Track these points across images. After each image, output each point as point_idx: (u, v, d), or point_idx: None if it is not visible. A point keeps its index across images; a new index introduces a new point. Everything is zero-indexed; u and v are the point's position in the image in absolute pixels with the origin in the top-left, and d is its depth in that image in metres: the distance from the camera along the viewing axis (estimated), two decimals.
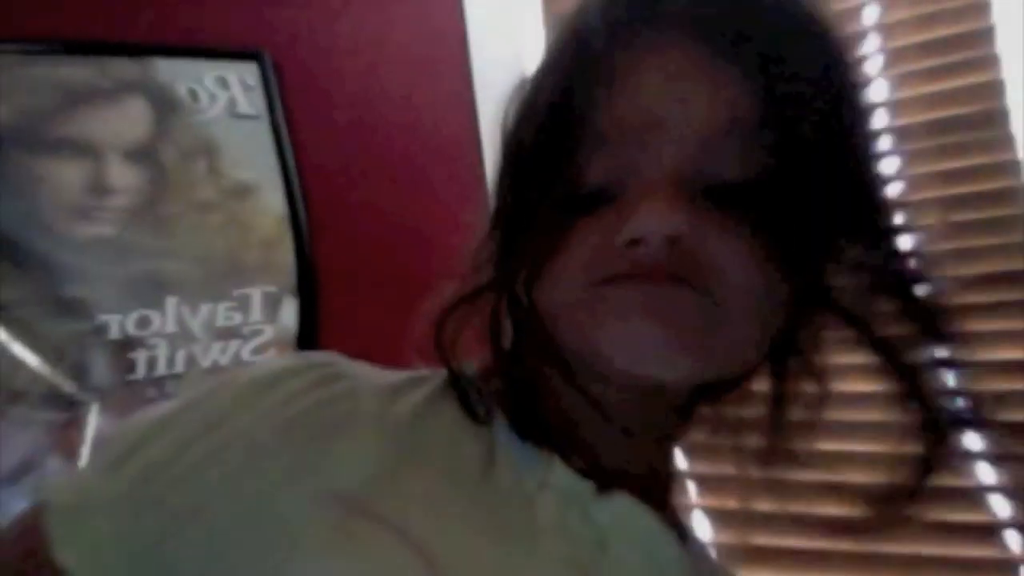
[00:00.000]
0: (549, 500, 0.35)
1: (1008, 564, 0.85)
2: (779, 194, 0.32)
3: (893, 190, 0.35)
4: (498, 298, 0.38)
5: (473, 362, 0.41)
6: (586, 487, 0.36)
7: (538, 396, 0.38)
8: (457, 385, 0.39)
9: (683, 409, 0.41)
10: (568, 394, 0.37)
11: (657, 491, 0.41)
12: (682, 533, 0.40)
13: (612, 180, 0.34)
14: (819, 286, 0.35)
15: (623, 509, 0.36)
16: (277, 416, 0.35)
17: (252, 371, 0.38)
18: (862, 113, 0.36)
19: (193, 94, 1.10)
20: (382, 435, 0.36)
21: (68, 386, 1.02)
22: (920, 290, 0.36)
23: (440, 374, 0.40)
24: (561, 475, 0.36)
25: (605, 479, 0.37)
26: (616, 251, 0.32)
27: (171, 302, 1.04)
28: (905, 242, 0.36)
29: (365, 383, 0.38)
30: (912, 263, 0.36)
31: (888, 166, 0.97)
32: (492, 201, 0.40)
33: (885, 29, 0.98)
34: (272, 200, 1.10)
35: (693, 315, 0.31)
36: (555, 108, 0.35)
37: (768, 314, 0.34)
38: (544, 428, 0.37)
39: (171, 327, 1.04)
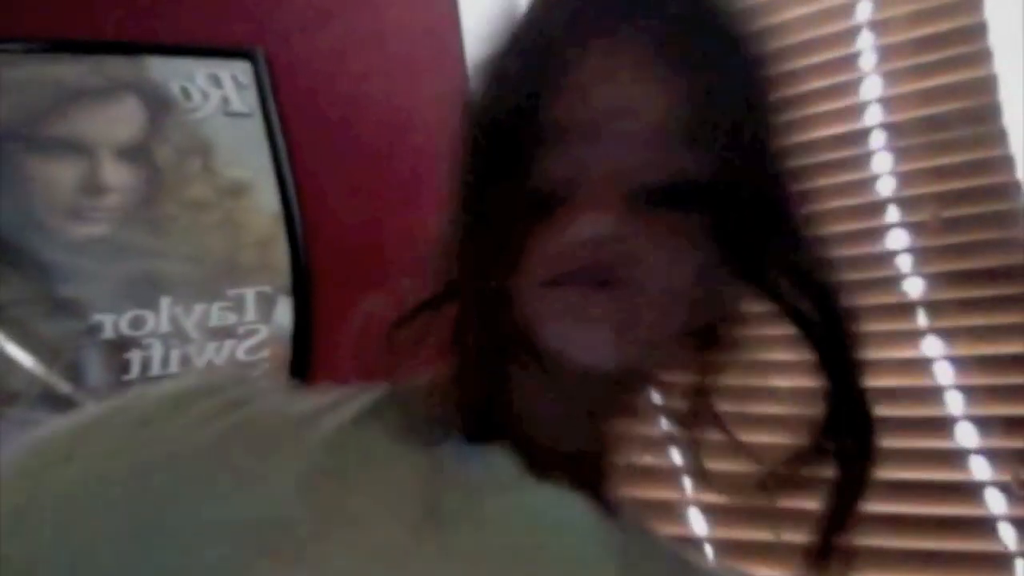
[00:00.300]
0: (496, 499, 0.37)
1: (1004, 558, 0.86)
2: (716, 196, 0.35)
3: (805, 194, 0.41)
4: (466, 298, 0.39)
5: (417, 376, 0.41)
6: (534, 481, 0.37)
7: (499, 394, 0.39)
8: (405, 395, 0.39)
9: (628, 396, 0.42)
10: (530, 387, 0.38)
11: (602, 478, 0.42)
12: (625, 516, 0.42)
13: (568, 178, 0.35)
14: (750, 283, 0.38)
15: (570, 500, 0.38)
16: (184, 444, 0.34)
17: (158, 391, 0.37)
18: (786, 123, 0.39)
19: (186, 92, 1.09)
20: (302, 460, 0.35)
21: (63, 386, 1.02)
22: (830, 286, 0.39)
23: (377, 388, 0.40)
24: (507, 468, 0.37)
25: (553, 468, 0.38)
26: (564, 252, 0.35)
27: (165, 302, 1.04)
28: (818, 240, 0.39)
29: (281, 404, 0.38)
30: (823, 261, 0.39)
31: (882, 162, 0.97)
32: (452, 199, 0.40)
33: (878, 25, 0.98)
34: (266, 199, 1.10)
35: (627, 311, 0.35)
36: (510, 106, 0.36)
37: (697, 304, 0.37)
38: (500, 426, 0.38)
39: (165, 327, 1.04)
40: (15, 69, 1.06)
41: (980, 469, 0.88)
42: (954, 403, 0.90)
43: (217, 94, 1.10)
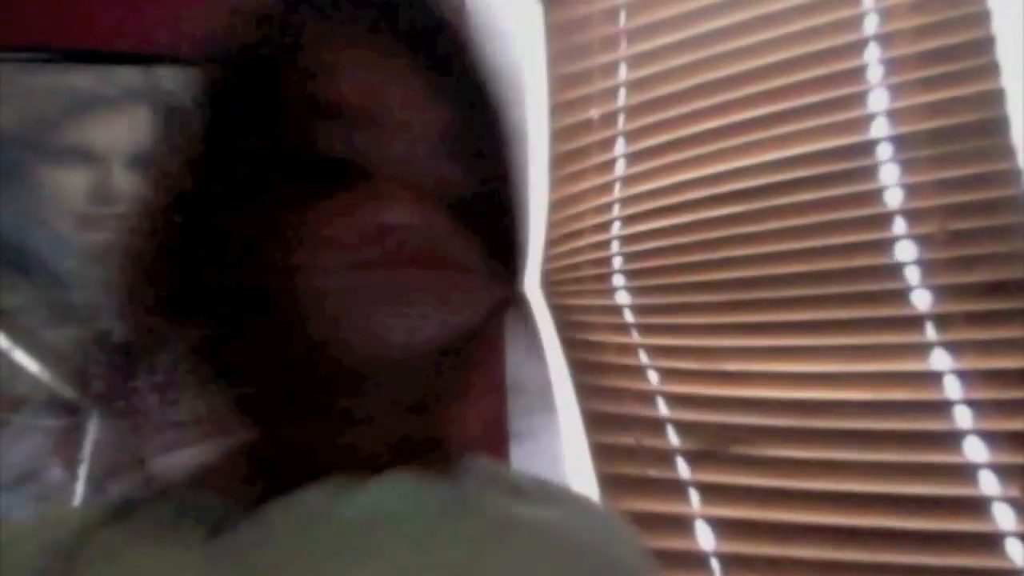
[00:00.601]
0: (318, 533, 0.34)
1: (1012, 574, 0.85)
2: (478, 198, 0.37)
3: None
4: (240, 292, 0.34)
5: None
6: (356, 489, 0.35)
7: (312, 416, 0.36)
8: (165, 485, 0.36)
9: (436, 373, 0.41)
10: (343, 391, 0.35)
11: (430, 455, 0.40)
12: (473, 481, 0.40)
13: (358, 158, 0.35)
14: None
15: (390, 491, 0.36)
16: None
17: None
18: (523, 133, 0.42)
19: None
20: None
21: (69, 393, 1.02)
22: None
23: (124, 490, 0.37)
24: (320, 500, 0.34)
25: (371, 468, 0.36)
26: (369, 238, 0.34)
27: None
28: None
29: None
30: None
31: (889, 175, 0.97)
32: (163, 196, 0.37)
33: (885, 39, 0.99)
34: None
35: (443, 288, 0.36)
36: (261, 75, 0.36)
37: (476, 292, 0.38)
38: (306, 464, 0.35)
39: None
40: (28, 78, 1.07)
41: (988, 484, 0.87)
42: (962, 417, 0.90)
43: None
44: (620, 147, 1.16)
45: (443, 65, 0.37)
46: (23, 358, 1.03)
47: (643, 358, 1.09)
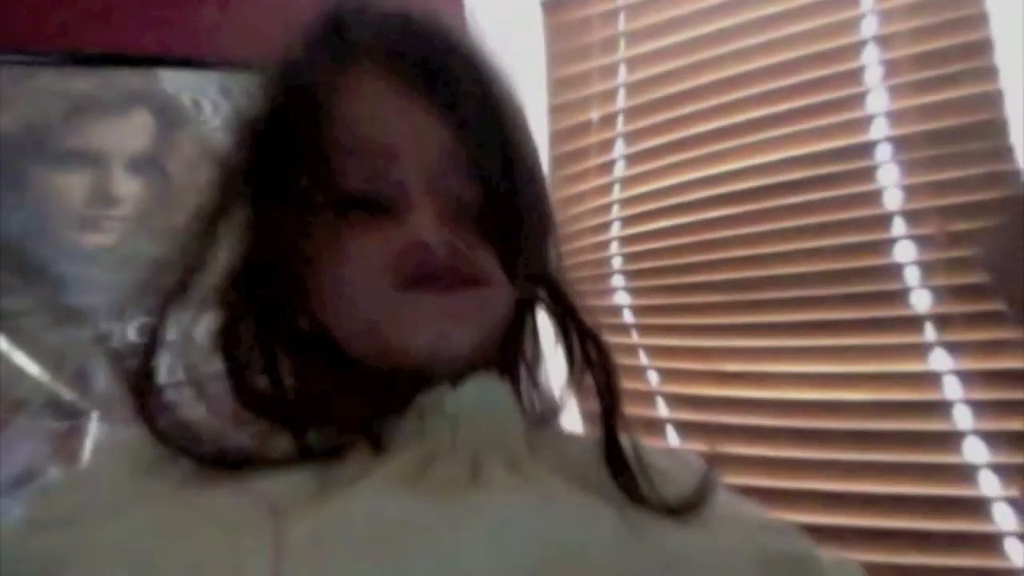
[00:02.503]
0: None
1: (1011, 574, 0.85)
2: (491, 208, 0.40)
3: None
4: (264, 324, 0.41)
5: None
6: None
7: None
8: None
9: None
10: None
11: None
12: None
13: (384, 188, 0.39)
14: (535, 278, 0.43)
15: (473, 388, 0.38)
16: None
17: None
18: (529, 137, 0.45)
19: (197, 104, 1.11)
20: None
21: (69, 395, 1.02)
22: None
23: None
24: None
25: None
26: (404, 256, 0.38)
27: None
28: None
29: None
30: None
31: (889, 175, 0.97)
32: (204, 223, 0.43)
33: (884, 40, 0.99)
34: None
35: (479, 304, 0.39)
36: (290, 124, 0.40)
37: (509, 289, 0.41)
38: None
39: (173, 336, 1.04)
40: (29, 81, 1.08)
41: (988, 484, 0.87)
42: (962, 418, 0.90)
43: (228, 106, 1.12)
44: (619, 149, 1.16)
45: (449, 90, 0.40)
46: (23, 360, 1.03)
47: (643, 359, 1.09)
